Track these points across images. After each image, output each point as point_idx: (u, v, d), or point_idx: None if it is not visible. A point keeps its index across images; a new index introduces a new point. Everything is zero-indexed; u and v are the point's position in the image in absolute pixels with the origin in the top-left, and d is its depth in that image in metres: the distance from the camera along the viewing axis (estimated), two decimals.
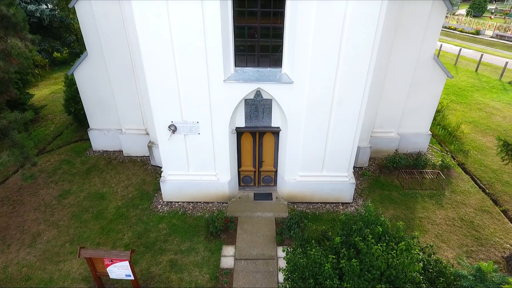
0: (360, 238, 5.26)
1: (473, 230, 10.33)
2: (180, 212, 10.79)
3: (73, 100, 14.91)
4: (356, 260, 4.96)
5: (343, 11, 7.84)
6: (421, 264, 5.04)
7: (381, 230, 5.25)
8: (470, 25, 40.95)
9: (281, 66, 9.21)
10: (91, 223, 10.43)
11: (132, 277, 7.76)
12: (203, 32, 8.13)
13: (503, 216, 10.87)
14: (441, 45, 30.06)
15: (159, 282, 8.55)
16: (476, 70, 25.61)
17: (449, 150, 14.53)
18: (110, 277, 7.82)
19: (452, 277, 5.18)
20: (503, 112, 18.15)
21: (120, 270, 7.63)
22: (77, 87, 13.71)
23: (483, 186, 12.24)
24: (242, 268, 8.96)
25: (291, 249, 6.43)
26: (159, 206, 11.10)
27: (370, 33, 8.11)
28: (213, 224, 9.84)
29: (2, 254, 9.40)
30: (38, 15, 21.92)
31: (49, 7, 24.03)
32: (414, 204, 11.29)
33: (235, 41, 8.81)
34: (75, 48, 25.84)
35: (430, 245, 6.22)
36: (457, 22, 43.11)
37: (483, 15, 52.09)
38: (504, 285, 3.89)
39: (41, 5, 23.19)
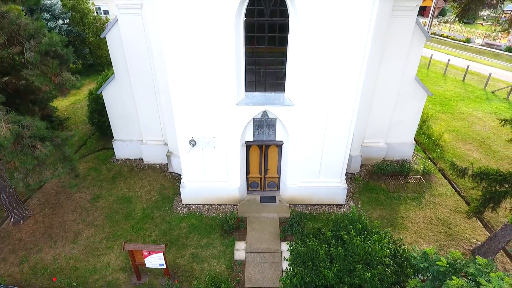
0: (345, 233, 7.10)
1: (447, 227, 12.18)
2: (197, 213, 12.61)
3: (97, 113, 16.70)
4: (342, 248, 6.80)
5: (334, 48, 9.65)
6: (388, 251, 6.88)
7: (360, 226, 7.09)
8: (461, 33, 42.87)
9: (284, 91, 11.04)
10: (122, 223, 12.24)
11: (164, 266, 9.58)
12: (220, 65, 9.95)
13: None
14: (432, 55, 31.90)
15: (184, 271, 10.37)
16: (463, 79, 27.48)
17: (432, 157, 16.38)
18: (147, 266, 9.63)
19: (414, 261, 6.97)
20: (483, 121, 20.03)
21: (155, 260, 9.44)
22: (101, 102, 15.59)
23: (459, 190, 14.09)
24: (252, 259, 10.78)
25: (294, 242, 8.25)
26: (179, 208, 12.91)
27: (356, 67, 9.94)
28: (227, 223, 11.65)
29: (51, 249, 11.21)
30: (57, 31, 23.70)
31: (65, 22, 25.79)
32: (398, 206, 13.13)
33: (246, 70, 10.63)
34: (88, 60, 27.61)
35: (400, 238, 8.04)
36: (449, 30, 45.01)
37: (476, 21, 54.03)
38: (438, 261, 5.67)
39: (58, 20, 24.97)
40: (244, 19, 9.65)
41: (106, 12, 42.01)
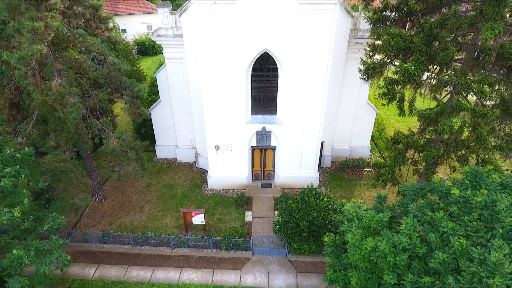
0: (306, 196, 13.40)
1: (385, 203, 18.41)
2: (219, 194, 18.85)
3: (141, 125, 22.84)
4: (304, 204, 13.11)
5: (306, 88, 15.87)
6: (327, 204, 13.13)
7: (315, 193, 13.39)
8: None
9: (276, 114, 17.30)
10: (169, 201, 18.47)
11: (203, 223, 15.81)
12: (236, 99, 16.17)
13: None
14: None
15: (214, 228, 16.63)
16: None
17: (385, 156, 22.66)
18: (193, 223, 15.85)
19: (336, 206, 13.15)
20: None
21: (198, 219, 15.66)
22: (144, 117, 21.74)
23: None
24: (256, 221, 17.05)
25: (281, 204, 14.51)
26: (206, 191, 19.15)
27: (320, 100, 16.18)
28: (239, 200, 17.90)
29: (127, 216, 17.45)
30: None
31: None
32: (354, 189, 19.40)
33: (252, 102, 16.88)
34: None
35: (340, 200, 14.30)
36: None
37: None
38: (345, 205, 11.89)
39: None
40: (251, 73, 15.91)
41: (124, 31, 48.08)
